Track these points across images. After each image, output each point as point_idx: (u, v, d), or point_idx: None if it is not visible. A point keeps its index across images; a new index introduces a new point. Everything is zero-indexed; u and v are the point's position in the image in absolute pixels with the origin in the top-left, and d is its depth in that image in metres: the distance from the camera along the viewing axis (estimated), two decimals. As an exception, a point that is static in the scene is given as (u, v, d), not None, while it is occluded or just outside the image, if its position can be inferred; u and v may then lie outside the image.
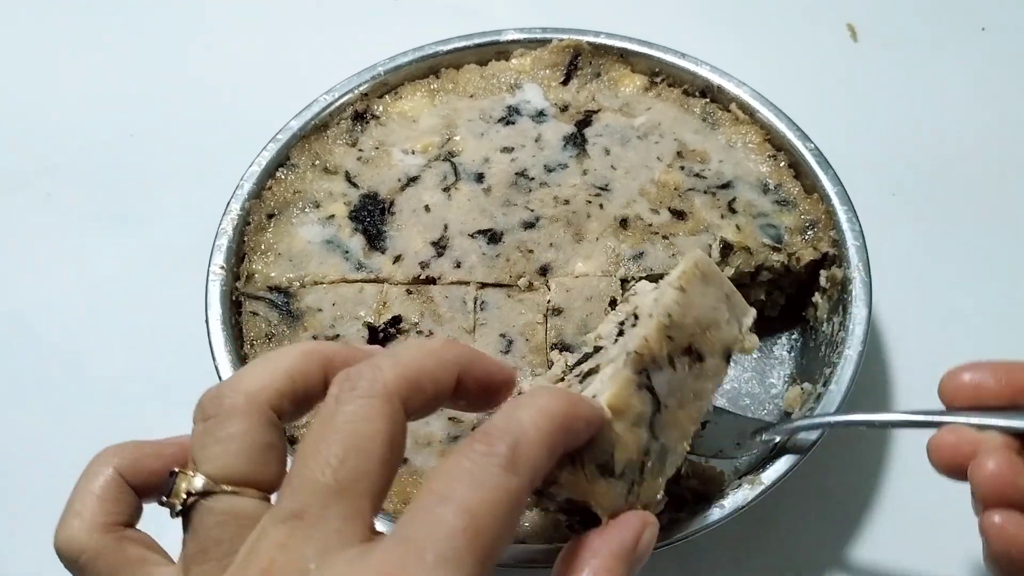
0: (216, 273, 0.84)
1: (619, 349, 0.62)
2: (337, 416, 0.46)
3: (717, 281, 0.67)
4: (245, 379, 0.49)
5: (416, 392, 0.48)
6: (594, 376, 0.61)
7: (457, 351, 0.52)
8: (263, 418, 0.48)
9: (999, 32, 1.20)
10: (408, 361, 0.49)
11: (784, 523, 0.84)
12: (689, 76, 0.98)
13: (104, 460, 0.53)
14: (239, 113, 1.11)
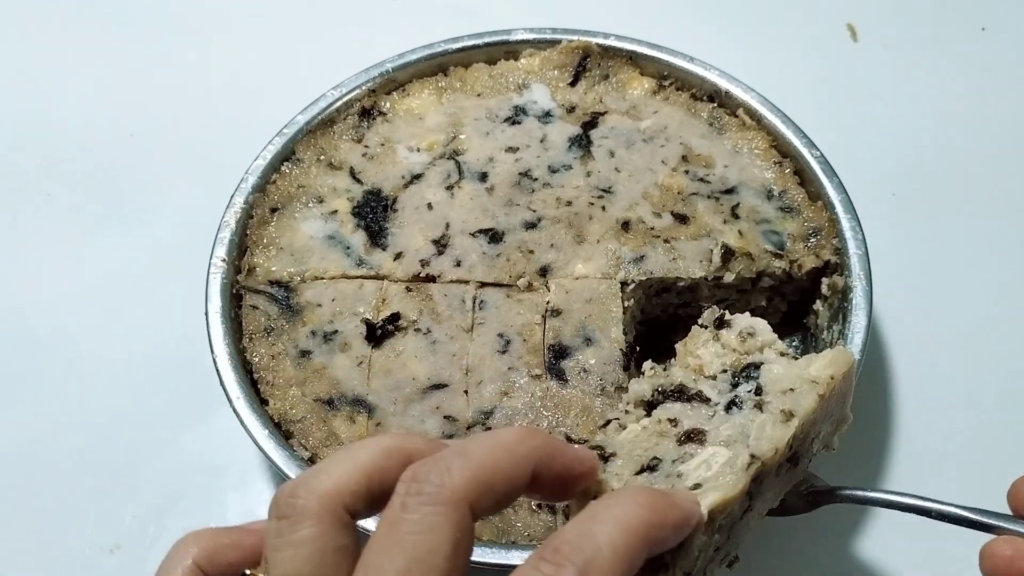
0: (217, 266, 0.85)
1: (735, 432, 0.57)
2: (400, 525, 0.43)
3: (849, 387, 0.64)
4: (321, 478, 0.47)
5: (487, 494, 0.45)
6: (698, 448, 0.57)
7: (534, 444, 0.48)
8: (336, 521, 0.46)
9: (999, 32, 1.19)
10: (481, 460, 0.46)
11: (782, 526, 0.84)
12: (698, 80, 0.98)
13: (184, 551, 0.52)
14: (240, 112, 1.11)
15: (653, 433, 0.58)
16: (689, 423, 0.58)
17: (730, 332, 0.64)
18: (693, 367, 0.62)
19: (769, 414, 0.58)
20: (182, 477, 0.88)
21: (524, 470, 0.47)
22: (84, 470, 0.88)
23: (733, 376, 0.61)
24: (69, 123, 1.13)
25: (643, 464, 0.56)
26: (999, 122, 1.11)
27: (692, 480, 0.54)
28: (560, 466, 0.49)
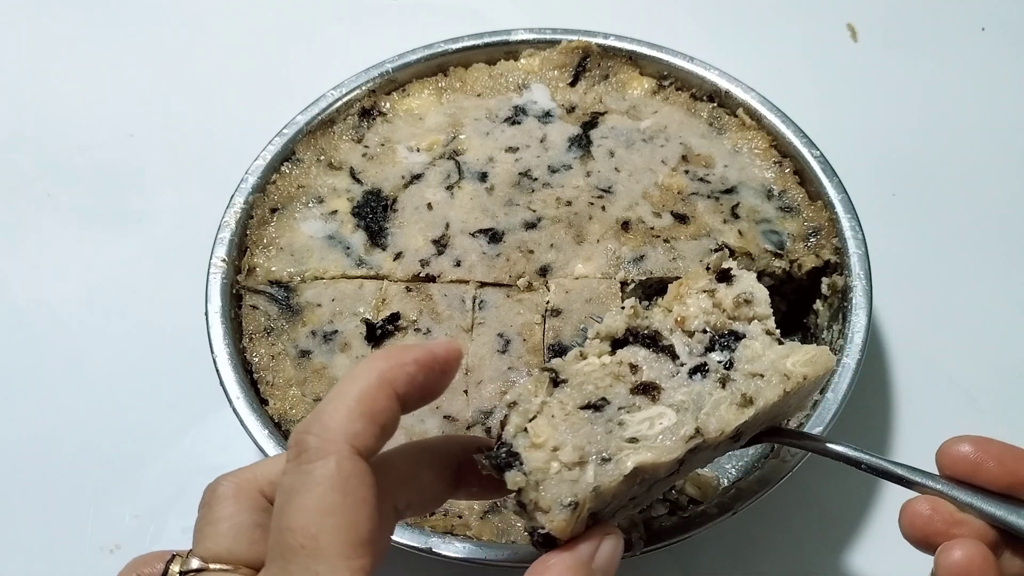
0: (217, 266, 0.85)
1: (688, 401, 0.57)
2: (292, 483, 0.47)
3: (815, 387, 0.63)
4: (326, 421, 0.48)
5: (364, 424, 0.48)
6: (648, 403, 0.57)
7: (386, 358, 0.51)
8: (250, 502, 0.52)
9: (999, 32, 1.19)
10: (345, 397, 0.48)
11: (782, 526, 0.84)
12: (698, 80, 0.98)
13: (128, 568, 0.55)
14: (240, 112, 1.11)
15: (610, 373, 0.58)
16: (648, 375, 0.58)
17: (728, 290, 0.62)
18: (677, 315, 0.61)
19: (729, 393, 0.57)
20: (182, 477, 0.88)
21: (385, 386, 0.49)
22: (84, 470, 0.88)
23: (711, 339, 0.60)
24: (69, 123, 1.13)
25: (589, 400, 0.56)
26: (999, 122, 1.11)
27: (631, 432, 0.55)
28: (414, 366, 0.50)
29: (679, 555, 0.82)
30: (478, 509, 0.74)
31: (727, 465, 0.84)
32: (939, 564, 0.53)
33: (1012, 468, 0.55)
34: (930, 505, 0.56)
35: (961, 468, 0.56)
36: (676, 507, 0.76)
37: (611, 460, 0.53)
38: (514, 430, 0.55)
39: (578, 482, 0.53)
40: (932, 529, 0.55)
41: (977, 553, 0.52)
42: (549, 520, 0.52)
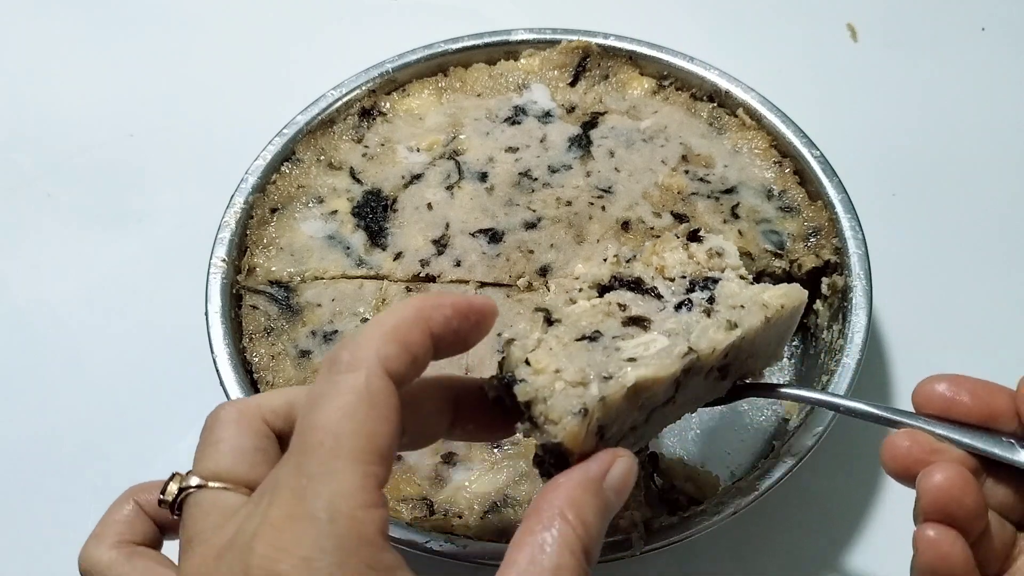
0: (217, 266, 0.85)
1: (679, 327, 0.60)
2: (324, 387, 0.48)
3: (792, 324, 0.67)
4: (362, 342, 0.49)
5: (398, 350, 0.49)
6: (640, 332, 0.59)
7: (424, 298, 0.52)
8: (252, 427, 0.53)
9: (999, 32, 1.19)
10: (381, 326, 0.50)
11: (781, 526, 0.84)
12: (698, 80, 0.98)
13: (125, 494, 0.59)
14: (240, 112, 1.11)
15: (600, 312, 0.61)
16: (637, 311, 0.61)
17: (700, 247, 0.66)
18: (656, 266, 0.65)
19: (715, 320, 0.61)
20: (182, 477, 0.87)
21: (421, 322, 0.51)
22: (84, 470, 0.88)
23: (691, 283, 0.64)
24: (69, 123, 1.13)
25: (584, 333, 0.58)
26: (999, 122, 1.11)
27: (628, 354, 0.57)
28: (451, 309, 0.52)
29: (679, 555, 0.82)
30: (478, 509, 0.74)
31: (727, 465, 0.84)
32: (921, 488, 0.54)
33: (986, 400, 0.56)
34: (909, 437, 0.56)
35: (936, 404, 0.57)
36: (676, 507, 0.76)
37: (612, 377, 0.55)
38: (515, 362, 0.56)
39: (584, 396, 0.54)
40: (912, 459, 0.56)
41: (957, 475, 0.53)
42: (561, 428, 0.53)
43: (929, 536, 0.53)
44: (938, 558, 0.53)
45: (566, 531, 0.48)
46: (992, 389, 0.57)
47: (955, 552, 0.52)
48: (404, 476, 0.76)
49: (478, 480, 0.75)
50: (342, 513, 0.44)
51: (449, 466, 0.76)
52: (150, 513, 0.58)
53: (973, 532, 0.54)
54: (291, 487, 0.45)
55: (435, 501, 0.75)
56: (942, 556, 0.53)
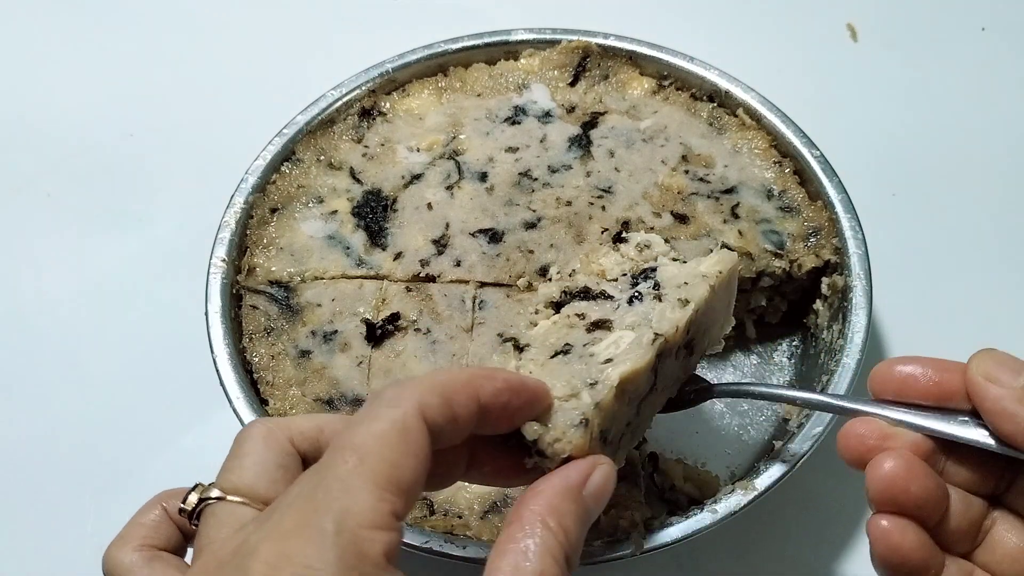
0: (217, 266, 0.85)
1: (638, 319, 0.63)
2: (360, 416, 0.49)
3: (733, 287, 0.70)
4: (408, 385, 0.51)
5: (436, 401, 0.50)
6: (606, 333, 0.62)
7: (476, 369, 0.54)
8: (279, 445, 0.54)
9: (999, 32, 1.20)
10: (431, 380, 0.51)
11: (781, 527, 0.84)
12: (698, 80, 0.98)
13: (154, 499, 0.61)
14: (240, 112, 1.11)
15: (563, 326, 0.64)
16: (596, 316, 0.65)
17: (628, 245, 0.71)
18: (596, 272, 0.69)
19: (667, 302, 0.64)
20: (182, 477, 0.86)
21: (470, 387, 0.52)
22: (84, 470, 0.88)
23: (632, 278, 0.68)
24: (69, 123, 1.13)
25: (556, 349, 0.62)
26: (999, 122, 1.11)
27: (603, 357, 0.60)
28: (503, 383, 0.53)
29: (679, 555, 0.82)
30: (478, 509, 0.74)
31: (727, 465, 0.84)
32: (868, 479, 0.54)
33: (940, 380, 0.56)
34: (863, 425, 0.57)
35: (891, 387, 0.57)
36: (676, 507, 0.76)
37: (598, 382, 0.57)
38: None
39: (579, 406, 0.56)
40: (865, 447, 0.56)
41: (902, 463, 0.53)
42: (568, 443, 0.54)
43: (881, 526, 0.53)
44: (889, 549, 0.53)
45: (548, 538, 0.49)
46: (945, 367, 0.56)
47: (906, 541, 0.53)
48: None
49: (478, 480, 0.75)
50: (348, 528, 0.44)
51: (449, 466, 0.76)
52: (175, 519, 0.59)
53: (929, 517, 0.54)
54: (306, 497, 0.46)
55: (435, 501, 0.75)
56: (892, 547, 0.53)
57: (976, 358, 0.55)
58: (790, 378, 0.89)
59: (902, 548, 0.53)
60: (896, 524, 0.53)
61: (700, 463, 0.83)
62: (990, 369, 0.54)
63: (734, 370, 0.90)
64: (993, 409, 0.53)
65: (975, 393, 0.54)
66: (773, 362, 0.90)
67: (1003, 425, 0.53)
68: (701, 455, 0.85)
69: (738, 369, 0.90)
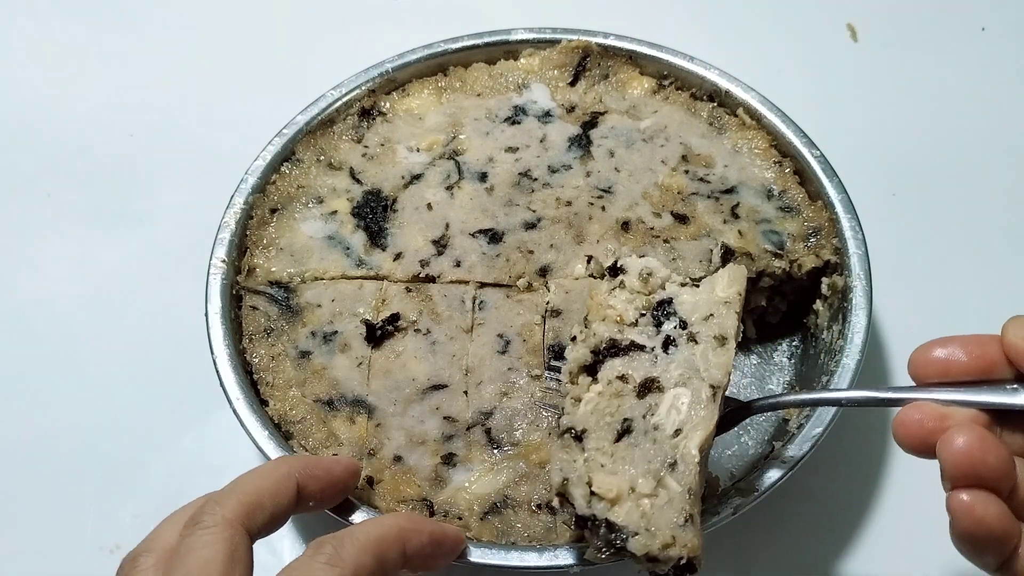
0: (217, 267, 0.85)
1: (684, 369, 0.61)
2: (181, 550, 0.56)
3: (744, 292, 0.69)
4: (227, 499, 0.59)
5: (257, 511, 0.59)
6: (659, 395, 0.61)
7: (291, 462, 0.63)
8: (235, 534, 0.57)
9: (999, 32, 1.19)
10: (244, 487, 0.59)
11: (781, 526, 0.84)
12: (698, 80, 0.98)
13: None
14: (240, 112, 1.11)
15: (610, 395, 0.62)
16: (638, 374, 0.62)
17: (630, 277, 0.68)
18: (612, 319, 0.66)
19: (704, 343, 0.62)
20: (182, 477, 0.88)
21: (287, 485, 0.61)
22: (84, 470, 0.88)
23: (652, 316, 0.65)
24: (69, 123, 1.13)
25: (617, 430, 0.60)
26: (999, 122, 1.11)
27: (670, 429, 0.59)
28: (321, 471, 0.64)
29: (679, 555, 0.82)
30: (478, 511, 0.74)
31: (727, 465, 0.84)
32: (943, 457, 0.54)
33: (981, 353, 0.57)
34: (917, 410, 0.57)
35: (934, 370, 0.58)
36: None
37: (677, 460, 0.57)
38: (584, 501, 0.57)
39: (672, 499, 0.55)
40: (926, 431, 0.56)
41: (976, 435, 0.53)
42: (682, 547, 0.55)
43: (962, 500, 0.53)
44: (974, 522, 0.53)
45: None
46: (982, 340, 0.57)
47: (990, 512, 0.52)
48: (404, 477, 0.76)
49: (478, 481, 0.75)
50: None
51: (449, 467, 0.76)
52: None
53: (1004, 487, 0.53)
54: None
55: (435, 502, 0.75)
56: (977, 520, 0.52)
57: (1011, 324, 0.57)
58: (790, 378, 0.89)
59: (986, 520, 0.52)
60: (977, 497, 0.53)
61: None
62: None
63: (734, 370, 0.88)
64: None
65: (1019, 355, 0.56)
66: (773, 362, 0.90)
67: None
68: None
69: (738, 369, 0.90)
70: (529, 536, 0.73)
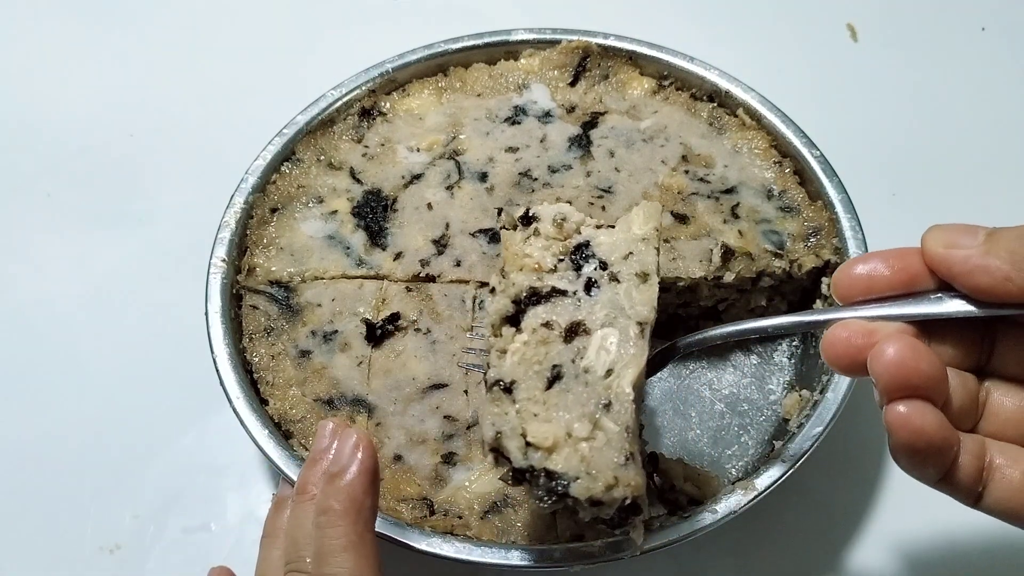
0: (217, 266, 0.85)
1: (609, 310, 0.60)
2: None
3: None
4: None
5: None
6: (586, 338, 0.59)
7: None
8: None
9: (999, 32, 1.20)
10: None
11: (781, 526, 0.84)
12: (698, 80, 0.98)
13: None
14: (240, 112, 1.11)
15: (536, 344, 0.60)
16: (563, 319, 0.61)
17: (543, 224, 0.65)
18: (529, 267, 0.64)
19: (627, 282, 0.61)
20: (182, 477, 0.88)
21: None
22: (84, 470, 0.88)
23: (571, 261, 0.63)
24: (69, 123, 1.13)
25: (547, 377, 0.59)
26: (999, 122, 1.11)
27: (601, 370, 0.57)
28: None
29: (679, 555, 0.82)
30: (478, 509, 0.74)
31: (727, 465, 0.84)
32: (875, 370, 0.53)
33: (903, 265, 0.56)
34: (843, 328, 0.56)
35: (858, 288, 0.57)
36: (676, 507, 0.76)
37: (611, 401, 0.55)
38: (520, 453, 0.55)
39: (610, 440, 0.54)
40: (854, 348, 0.55)
41: (905, 344, 0.52)
42: (625, 486, 0.53)
43: (899, 412, 0.52)
44: (912, 432, 0.52)
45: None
46: (903, 253, 0.57)
47: (928, 421, 0.52)
48: (404, 476, 0.76)
49: (478, 480, 0.75)
50: None
51: (449, 466, 0.76)
52: None
53: (939, 396, 0.53)
54: None
55: (435, 501, 0.75)
56: (915, 430, 0.52)
57: (929, 234, 0.56)
58: (790, 378, 0.89)
59: (925, 429, 0.51)
60: (914, 407, 0.52)
61: (700, 463, 0.83)
62: (948, 237, 0.55)
63: (734, 370, 0.89)
64: (964, 270, 0.53)
65: (940, 263, 0.55)
66: (773, 362, 0.90)
67: (979, 281, 0.53)
68: (701, 455, 0.85)
69: (738, 369, 0.90)
70: (529, 535, 0.73)
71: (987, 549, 0.81)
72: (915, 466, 0.53)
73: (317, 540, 0.59)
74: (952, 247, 0.54)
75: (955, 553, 0.81)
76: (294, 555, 0.60)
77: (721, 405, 0.87)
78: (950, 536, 0.79)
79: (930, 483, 0.54)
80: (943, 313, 0.55)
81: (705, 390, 0.88)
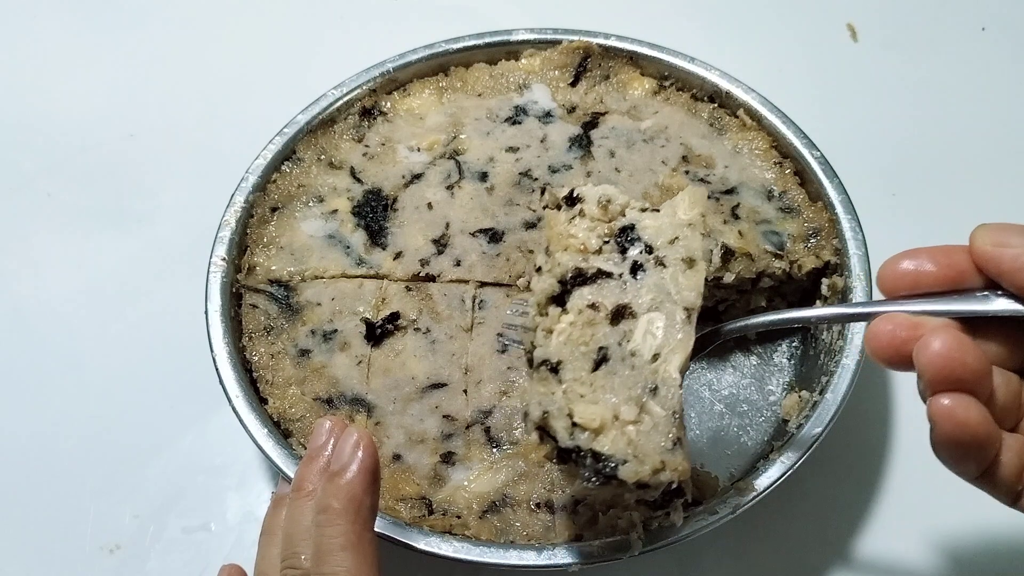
0: (217, 265, 0.85)
1: (656, 294, 0.60)
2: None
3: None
4: None
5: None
6: (632, 321, 0.59)
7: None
8: None
9: (999, 32, 1.19)
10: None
11: (781, 526, 0.84)
12: (698, 81, 0.98)
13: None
14: (240, 112, 1.11)
15: (582, 325, 0.60)
16: (609, 302, 0.60)
17: (588, 205, 0.65)
18: (575, 248, 0.63)
19: (673, 266, 0.61)
20: (182, 477, 0.88)
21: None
22: (84, 470, 0.88)
23: (616, 243, 0.63)
24: (69, 123, 1.13)
25: (594, 359, 0.58)
26: (999, 122, 1.11)
27: (648, 354, 0.58)
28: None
29: (679, 555, 0.82)
30: (476, 509, 0.74)
31: (727, 465, 0.84)
32: (921, 363, 0.52)
33: (950, 262, 0.56)
34: (888, 321, 0.56)
35: (904, 283, 0.57)
36: (675, 507, 0.76)
37: (658, 385, 0.56)
38: (566, 433, 0.55)
39: (657, 424, 0.54)
40: (899, 340, 0.55)
41: (952, 337, 0.52)
42: (672, 470, 0.53)
43: (943, 405, 0.51)
44: (956, 426, 0.51)
45: None
46: (950, 250, 0.57)
47: (972, 415, 0.51)
48: (403, 475, 0.76)
49: (477, 480, 0.75)
50: None
51: (448, 465, 0.76)
52: None
53: (983, 391, 0.52)
54: None
55: (434, 501, 0.75)
56: (959, 423, 0.51)
57: (978, 232, 0.56)
58: (790, 379, 0.89)
59: (968, 423, 0.51)
60: (958, 400, 0.51)
61: (700, 463, 0.83)
62: (996, 236, 0.55)
63: (734, 370, 0.89)
64: (1012, 268, 0.53)
65: (989, 262, 0.55)
66: (773, 363, 0.90)
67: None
68: (701, 455, 0.84)
69: (738, 370, 0.89)
70: (528, 535, 0.73)
71: (987, 549, 0.81)
72: (956, 460, 0.53)
73: (316, 539, 0.59)
74: (1001, 245, 0.54)
75: (955, 553, 0.81)
76: (290, 552, 0.60)
77: (720, 406, 0.87)
78: (950, 536, 0.79)
79: (969, 479, 0.54)
80: (990, 311, 0.55)
81: (704, 391, 0.88)
